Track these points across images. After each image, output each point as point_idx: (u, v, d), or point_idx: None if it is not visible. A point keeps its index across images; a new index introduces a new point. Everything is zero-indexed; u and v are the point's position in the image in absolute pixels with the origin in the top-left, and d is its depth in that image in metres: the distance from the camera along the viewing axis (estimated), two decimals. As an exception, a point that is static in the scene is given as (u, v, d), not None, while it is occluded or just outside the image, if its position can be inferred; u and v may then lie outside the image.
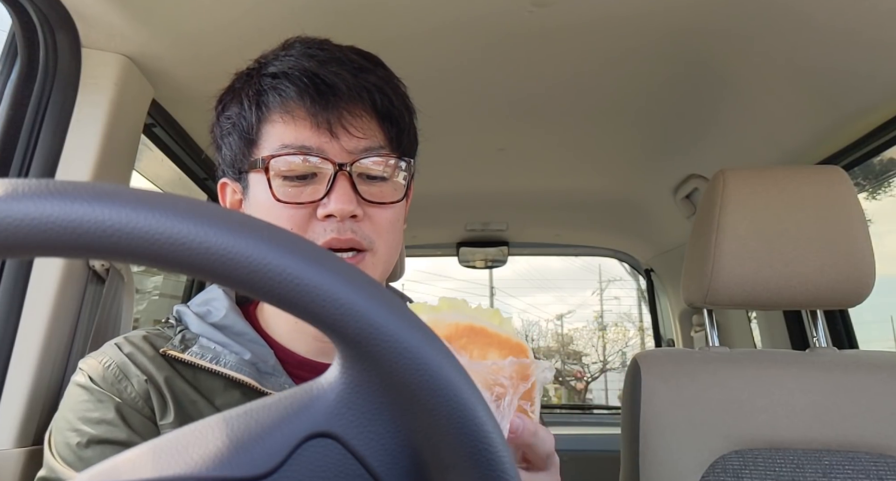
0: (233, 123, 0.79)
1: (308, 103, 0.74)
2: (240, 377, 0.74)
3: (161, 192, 0.31)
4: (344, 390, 0.33)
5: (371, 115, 0.77)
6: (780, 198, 1.23)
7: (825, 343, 1.34)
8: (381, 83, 0.79)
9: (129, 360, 0.75)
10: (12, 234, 0.27)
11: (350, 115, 0.75)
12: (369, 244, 0.76)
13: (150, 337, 0.78)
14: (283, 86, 0.75)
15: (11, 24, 1.11)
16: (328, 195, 0.74)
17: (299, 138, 0.75)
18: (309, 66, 0.76)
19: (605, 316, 12.69)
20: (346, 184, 0.74)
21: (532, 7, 1.21)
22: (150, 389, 0.73)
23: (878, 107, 1.41)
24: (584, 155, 2.03)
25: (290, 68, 0.76)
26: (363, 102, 0.76)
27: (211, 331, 0.78)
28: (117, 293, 1.19)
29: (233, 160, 0.80)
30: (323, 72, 0.75)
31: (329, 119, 0.74)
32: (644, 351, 1.33)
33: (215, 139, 0.83)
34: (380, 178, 0.78)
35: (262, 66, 0.79)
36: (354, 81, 0.76)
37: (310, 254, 0.30)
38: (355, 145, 0.76)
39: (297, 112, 0.75)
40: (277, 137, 0.76)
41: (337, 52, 0.79)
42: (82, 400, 0.72)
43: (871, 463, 1.12)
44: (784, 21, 1.23)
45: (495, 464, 0.31)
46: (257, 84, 0.78)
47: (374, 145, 0.77)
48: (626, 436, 1.24)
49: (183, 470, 0.31)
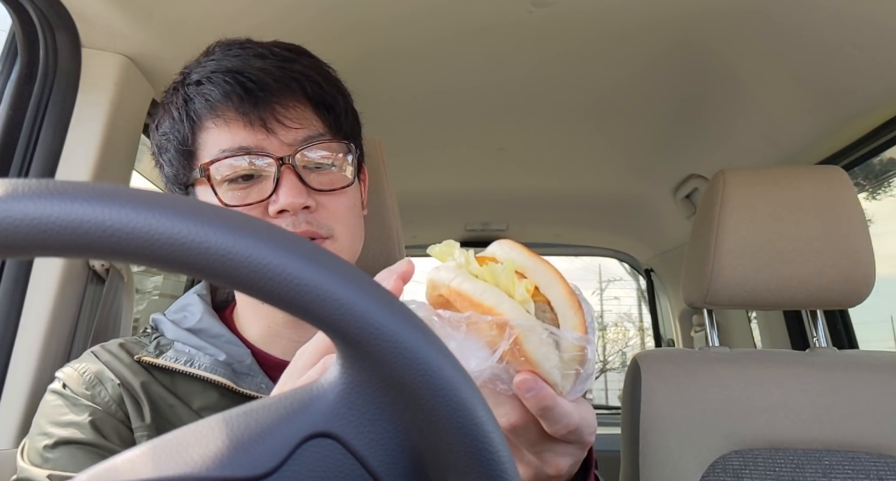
0: (168, 139, 0.78)
1: (237, 103, 0.73)
2: (215, 378, 0.74)
3: (161, 192, 0.31)
4: (344, 390, 0.33)
5: (304, 105, 0.76)
6: (780, 198, 1.23)
7: (825, 343, 1.34)
8: (309, 71, 0.78)
9: (105, 367, 0.75)
10: (12, 234, 0.27)
11: (282, 108, 0.74)
12: (328, 232, 0.75)
13: (127, 345, 0.79)
14: (208, 90, 0.74)
15: (11, 24, 1.11)
16: (276, 191, 0.72)
17: (235, 140, 0.73)
18: (231, 65, 0.75)
19: (605, 316, 12.68)
20: (293, 177, 0.73)
21: (532, 7, 1.21)
22: (124, 393, 0.73)
23: (878, 107, 1.41)
24: (583, 155, 2.03)
25: (212, 72, 0.75)
26: (293, 93, 0.75)
27: (186, 335, 0.79)
28: (117, 293, 1.19)
29: (175, 176, 0.78)
30: (246, 69, 0.74)
31: (261, 115, 0.73)
32: (644, 351, 1.33)
33: (156, 159, 0.82)
34: (326, 166, 0.77)
35: (186, 76, 0.78)
36: (280, 73, 0.75)
37: (310, 255, 0.30)
38: (294, 137, 0.74)
39: (227, 114, 0.74)
40: (214, 143, 0.74)
41: (258, 48, 0.77)
42: (54, 406, 0.72)
43: (871, 463, 1.12)
44: (784, 21, 1.23)
45: (495, 464, 0.31)
46: (183, 94, 0.77)
47: (314, 134, 0.76)
48: (626, 436, 1.24)
49: (183, 470, 0.31)
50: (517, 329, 0.45)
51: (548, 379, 0.47)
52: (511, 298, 0.47)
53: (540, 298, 0.49)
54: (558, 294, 0.49)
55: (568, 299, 0.49)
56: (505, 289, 0.48)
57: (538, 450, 0.51)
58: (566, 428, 0.48)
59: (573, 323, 0.48)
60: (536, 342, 0.46)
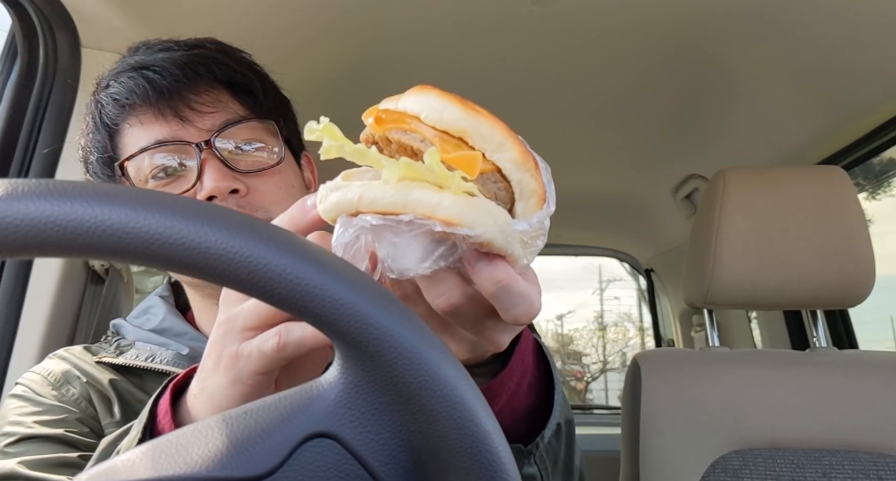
0: (88, 150, 0.77)
1: (144, 96, 0.71)
2: (177, 371, 0.73)
3: (161, 193, 0.31)
4: (343, 390, 0.33)
5: (218, 89, 0.74)
6: (780, 198, 1.23)
7: (825, 343, 1.34)
8: (216, 54, 0.76)
9: (71, 367, 0.75)
10: (12, 234, 0.27)
11: (193, 95, 0.72)
12: (265, 214, 0.72)
13: (91, 348, 0.79)
14: (115, 90, 0.73)
15: (11, 24, 1.11)
16: (200, 178, 0.70)
17: (151, 136, 0.72)
18: (134, 62, 0.73)
19: (605, 316, 12.69)
20: (215, 162, 0.71)
21: (532, 6, 1.21)
22: (92, 391, 0.73)
23: (878, 107, 1.41)
24: (583, 155, 2.03)
25: (118, 73, 0.74)
26: (203, 79, 0.73)
27: (147, 335, 0.79)
28: (117, 293, 1.20)
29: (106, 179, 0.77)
30: (150, 61, 0.72)
31: (172, 105, 0.71)
32: (644, 351, 1.33)
33: (86, 175, 0.80)
34: (251, 148, 0.75)
35: (100, 87, 0.77)
36: (185, 60, 0.73)
37: (310, 254, 0.30)
38: (211, 122, 0.72)
39: (138, 110, 0.72)
40: (133, 144, 0.73)
41: (164, 44, 0.76)
42: (14, 407, 0.72)
43: (871, 463, 1.12)
44: (784, 21, 1.23)
45: (495, 464, 0.31)
46: (94, 101, 0.75)
47: (233, 117, 0.74)
48: (626, 436, 1.24)
49: (183, 471, 0.31)
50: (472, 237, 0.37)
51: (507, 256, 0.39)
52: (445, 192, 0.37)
53: (488, 167, 0.40)
54: (509, 157, 0.40)
55: (520, 160, 0.40)
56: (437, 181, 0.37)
57: (479, 329, 0.44)
58: (528, 313, 0.41)
59: (531, 187, 0.40)
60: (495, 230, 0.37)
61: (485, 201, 0.38)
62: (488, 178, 0.40)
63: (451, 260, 0.39)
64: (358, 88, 1.44)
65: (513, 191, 0.40)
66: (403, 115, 0.41)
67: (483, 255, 0.39)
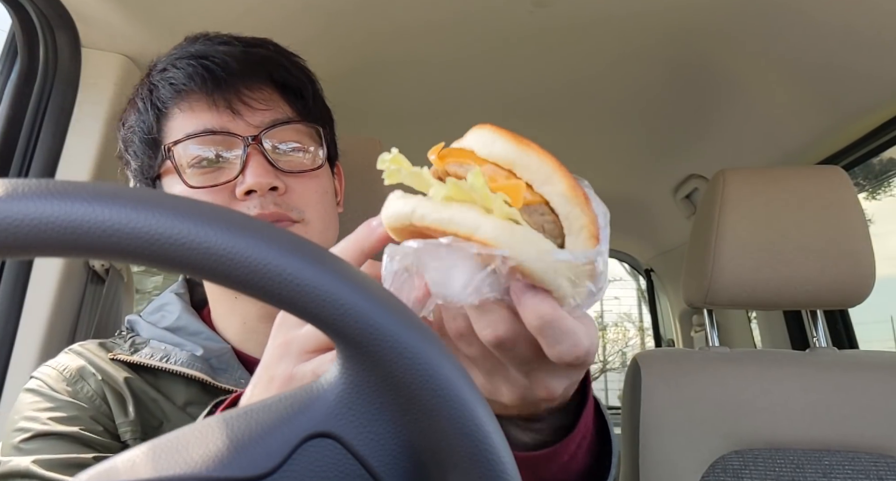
0: (133, 131, 0.77)
1: (200, 84, 0.72)
2: (191, 373, 0.73)
3: (161, 192, 0.31)
4: (344, 390, 0.33)
5: (271, 89, 0.75)
6: (780, 198, 1.23)
7: (825, 343, 1.34)
8: (275, 56, 0.77)
9: (86, 363, 0.74)
10: (12, 234, 0.27)
11: (248, 90, 0.73)
12: (298, 215, 0.73)
13: (105, 344, 0.79)
14: (172, 74, 0.73)
15: (11, 24, 1.11)
16: (243, 172, 0.71)
17: (200, 123, 0.72)
18: (195, 51, 0.74)
19: (605, 316, 12.68)
20: (260, 158, 0.72)
21: (532, 7, 1.21)
22: (107, 388, 0.72)
23: (878, 107, 1.41)
24: (584, 155, 2.03)
25: (176, 59, 0.75)
26: (259, 77, 0.74)
27: (163, 333, 0.78)
28: (117, 293, 1.20)
29: (141, 168, 0.77)
30: (211, 52, 0.73)
31: (226, 97, 0.72)
32: (644, 351, 1.33)
33: (122, 156, 0.81)
34: (295, 150, 0.76)
35: (152, 69, 0.78)
36: (245, 56, 0.74)
37: (310, 255, 0.30)
38: (261, 119, 0.73)
39: (192, 97, 0.73)
40: (180, 129, 0.73)
41: (224, 38, 0.77)
42: (29, 403, 0.71)
43: (871, 463, 1.12)
44: (784, 21, 1.23)
45: (495, 464, 0.31)
46: (148, 84, 0.76)
47: (282, 117, 0.75)
48: (626, 436, 1.24)
49: (183, 471, 0.31)
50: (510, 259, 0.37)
51: (553, 291, 0.38)
52: (490, 215, 0.37)
53: (535, 199, 0.40)
54: (557, 191, 0.40)
55: (569, 194, 0.40)
56: (482, 204, 0.38)
57: (528, 370, 0.43)
58: (572, 352, 0.39)
59: (580, 223, 0.40)
60: (534, 258, 0.37)
61: (528, 229, 0.38)
62: (535, 210, 0.40)
63: (497, 290, 0.39)
64: (359, 88, 1.44)
65: (561, 225, 0.40)
66: (460, 150, 0.43)
67: (530, 287, 0.39)
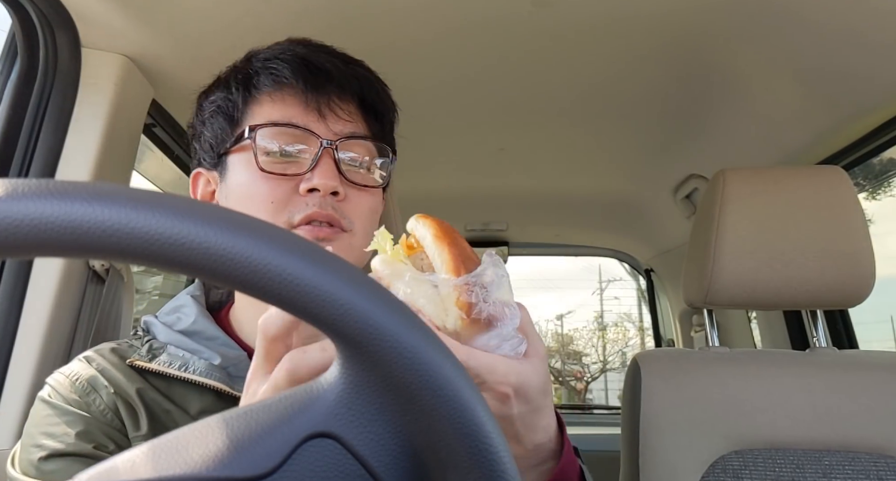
0: (217, 106, 0.80)
1: (300, 83, 0.76)
2: (210, 382, 0.73)
3: (161, 192, 0.31)
4: (344, 390, 0.33)
5: (358, 105, 0.80)
6: (780, 198, 1.23)
7: (825, 343, 1.34)
8: (370, 77, 0.82)
9: (98, 374, 0.73)
10: (12, 234, 0.27)
11: (339, 99, 0.78)
12: (349, 225, 0.76)
13: (119, 349, 0.77)
14: (277, 66, 0.77)
15: (11, 24, 1.11)
16: (312, 170, 0.74)
17: (287, 115, 0.76)
18: (300, 52, 0.79)
19: (605, 316, 12.68)
20: (331, 162, 0.75)
21: (532, 7, 1.21)
22: (119, 401, 0.72)
23: (878, 107, 1.41)
24: (584, 155, 2.03)
25: (282, 53, 0.79)
26: (351, 91, 0.79)
27: (179, 338, 0.78)
28: (117, 293, 1.20)
29: (214, 142, 0.80)
30: (314, 57, 0.78)
31: (319, 100, 0.76)
32: (644, 351, 1.33)
33: (195, 127, 0.84)
34: (361, 164, 0.80)
35: (252, 56, 0.81)
36: (345, 69, 0.79)
37: (310, 255, 0.30)
38: (341, 128, 0.78)
39: (287, 90, 0.77)
40: (264, 115, 0.77)
41: (326, 49, 0.82)
42: (46, 415, 0.71)
43: (871, 463, 1.12)
44: (784, 21, 1.23)
45: (495, 464, 0.31)
46: (246, 69, 0.80)
47: (360, 132, 0.79)
48: (626, 436, 1.24)
49: (183, 471, 0.31)
50: (384, 278, 0.50)
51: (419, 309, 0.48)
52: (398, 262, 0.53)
53: (418, 249, 0.54)
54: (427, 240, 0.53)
55: (435, 240, 0.52)
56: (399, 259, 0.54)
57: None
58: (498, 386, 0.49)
59: (442, 259, 0.51)
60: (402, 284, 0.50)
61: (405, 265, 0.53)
62: (418, 256, 0.54)
63: None
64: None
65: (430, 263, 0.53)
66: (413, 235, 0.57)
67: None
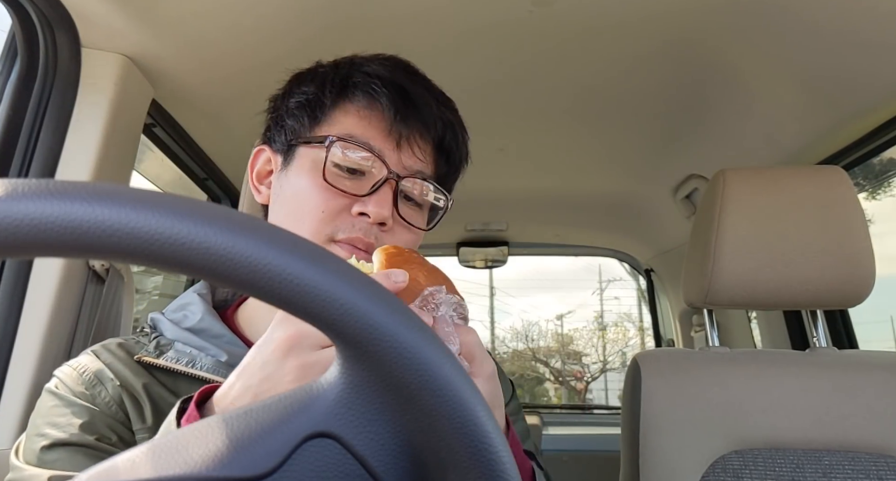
0: (307, 99, 0.81)
1: (391, 112, 0.77)
2: (217, 379, 0.73)
3: (161, 192, 0.31)
4: (344, 390, 0.33)
5: (434, 146, 0.82)
6: (780, 198, 1.23)
7: (825, 343, 1.34)
8: (455, 123, 0.84)
9: (105, 367, 0.74)
10: (12, 234, 0.27)
11: (420, 139, 0.80)
12: None
13: (126, 344, 0.78)
14: (377, 87, 0.78)
15: (11, 24, 1.11)
16: (370, 196, 0.76)
17: (368, 135, 0.78)
18: (402, 80, 0.80)
19: (605, 316, 12.68)
20: (390, 193, 0.77)
21: (532, 7, 1.21)
22: (124, 394, 0.72)
23: (878, 107, 1.41)
24: (583, 155, 2.03)
25: (385, 73, 0.79)
26: (433, 133, 0.81)
27: (186, 335, 0.78)
28: (117, 293, 1.20)
29: (290, 130, 0.81)
30: (413, 91, 0.80)
31: (401, 131, 0.78)
32: (644, 351, 1.33)
33: (277, 105, 0.85)
34: (418, 204, 0.82)
35: (356, 63, 0.82)
36: (436, 110, 0.81)
37: (310, 255, 0.30)
38: (412, 164, 0.80)
39: (376, 112, 0.78)
40: (347, 127, 0.78)
41: (424, 79, 0.84)
42: (51, 406, 0.72)
43: (871, 463, 1.12)
44: (784, 21, 1.23)
45: (495, 464, 0.31)
46: (347, 74, 0.80)
47: (427, 172, 0.81)
48: (626, 436, 1.24)
49: (183, 470, 0.31)
50: None
51: None
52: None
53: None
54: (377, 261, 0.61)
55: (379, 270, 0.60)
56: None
57: None
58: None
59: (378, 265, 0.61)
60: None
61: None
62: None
63: None
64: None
65: None
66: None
67: None
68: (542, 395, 11.53)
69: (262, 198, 0.85)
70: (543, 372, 12.09)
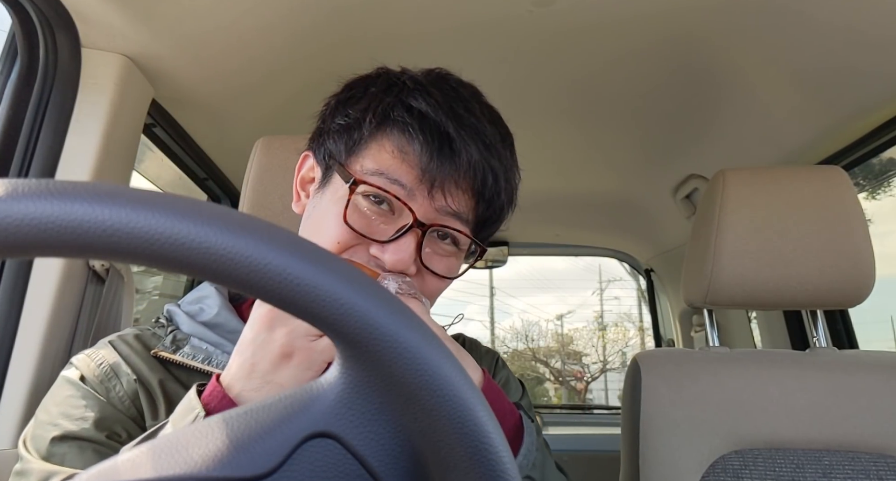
0: (347, 123, 0.77)
1: (425, 158, 0.72)
2: None
3: (161, 192, 0.31)
4: (344, 390, 0.33)
5: (472, 194, 0.76)
6: (780, 198, 1.23)
7: (825, 343, 1.34)
8: (500, 169, 0.77)
9: (122, 360, 0.74)
10: (12, 234, 0.27)
11: (455, 186, 0.74)
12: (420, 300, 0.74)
13: (142, 337, 0.78)
14: (414, 131, 0.73)
15: (11, 24, 1.11)
16: (392, 242, 0.72)
17: (399, 173, 0.73)
18: (445, 120, 0.74)
19: (605, 316, 12.69)
20: (412, 244, 0.72)
21: (532, 7, 1.21)
22: (140, 390, 0.72)
23: (878, 107, 1.41)
24: (584, 155, 2.03)
25: (430, 110, 0.74)
26: (473, 180, 0.75)
27: (202, 330, 0.78)
28: (117, 293, 1.20)
29: (331, 149, 0.78)
30: (457, 135, 0.73)
31: (435, 179, 0.73)
32: (644, 351, 1.33)
33: (324, 118, 0.82)
34: (445, 254, 0.77)
35: (406, 90, 0.77)
36: (479, 158, 0.74)
37: (310, 255, 0.30)
38: (444, 211, 0.75)
39: (411, 155, 0.73)
40: (380, 163, 0.74)
41: (475, 117, 0.77)
42: (67, 396, 0.72)
43: (871, 463, 1.12)
44: (784, 21, 1.23)
45: (495, 464, 0.31)
46: (390, 106, 0.76)
47: (463, 218, 0.76)
48: (626, 436, 1.24)
49: (183, 470, 0.31)
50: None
51: None
52: None
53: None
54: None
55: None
56: None
57: None
58: None
59: None
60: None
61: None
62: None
63: None
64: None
65: None
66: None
67: None
68: (542, 395, 11.54)
69: (299, 207, 0.83)
70: (543, 373, 12.10)
